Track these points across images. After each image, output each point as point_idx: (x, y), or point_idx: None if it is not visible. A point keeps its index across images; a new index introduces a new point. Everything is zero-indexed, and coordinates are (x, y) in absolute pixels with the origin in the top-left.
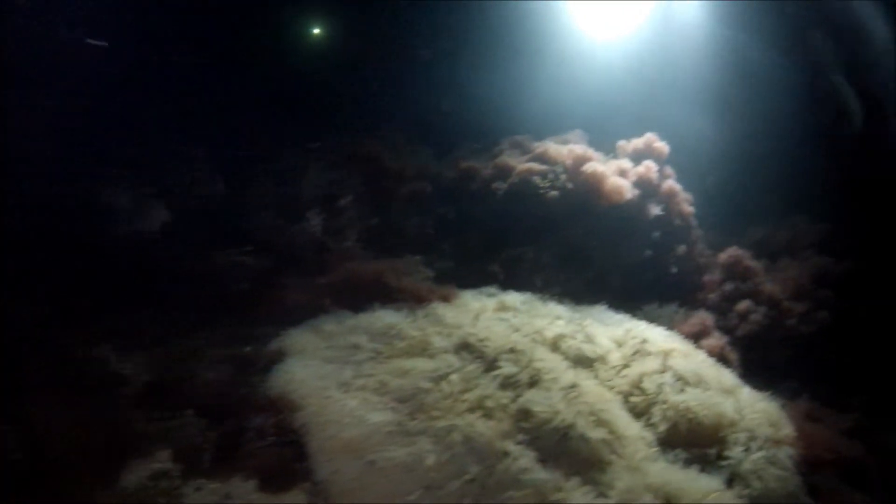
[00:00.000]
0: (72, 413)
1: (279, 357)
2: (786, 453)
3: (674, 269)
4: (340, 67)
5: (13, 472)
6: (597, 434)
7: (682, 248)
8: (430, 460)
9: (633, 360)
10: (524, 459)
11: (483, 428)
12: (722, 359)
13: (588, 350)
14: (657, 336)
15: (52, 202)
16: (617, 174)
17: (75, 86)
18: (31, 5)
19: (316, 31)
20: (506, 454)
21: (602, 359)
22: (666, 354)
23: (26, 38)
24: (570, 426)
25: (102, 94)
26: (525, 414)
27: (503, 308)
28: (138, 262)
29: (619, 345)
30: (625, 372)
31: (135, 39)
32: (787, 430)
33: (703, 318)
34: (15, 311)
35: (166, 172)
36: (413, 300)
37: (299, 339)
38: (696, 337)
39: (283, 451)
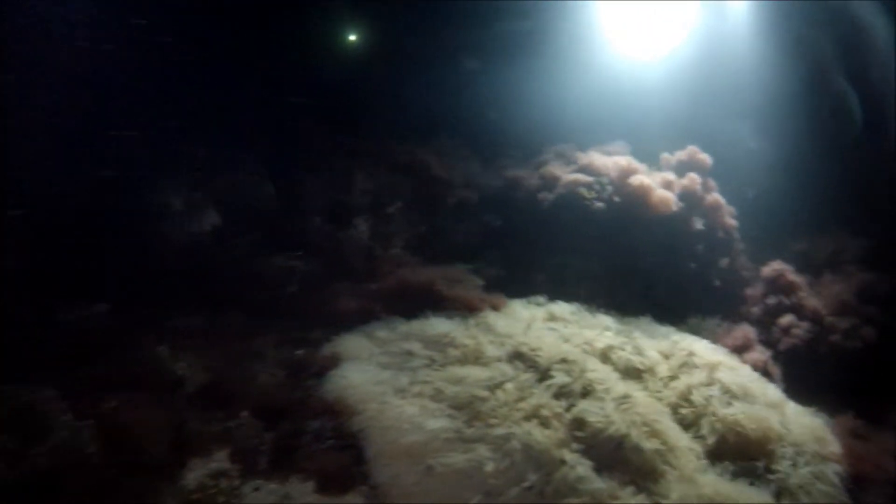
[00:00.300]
0: (136, 410)
1: (334, 361)
2: (833, 470)
3: (717, 283)
4: (390, 75)
5: (87, 465)
6: (650, 445)
7: (724, 261)
8: (490, 467)
9: (681, 373)
10: (581, 468)
11: (540, 436)
12: (765, 373)
13: (637, 362)
14: (703, 349)
15: (105, 204)
16: (662, 186)
17: (128, 88)
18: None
19: (367, 39)
20: (563, 462)
21: (650, 370)
22: (712, 367)
23: (84, 41)
24: (625, 436)
25: (155, 97)
26: (580, 423)
27: (552, 318)
28: (189, 264)
29: (666, 357)
30: (673, 384)
31: (188, 44)
32: (834, 446)
33: (745, 331)
34: (72, 311)
35: (216, 175)
36: (464, 308)
37: (353, 344)
38: (738, 350)
39: (341, 455)
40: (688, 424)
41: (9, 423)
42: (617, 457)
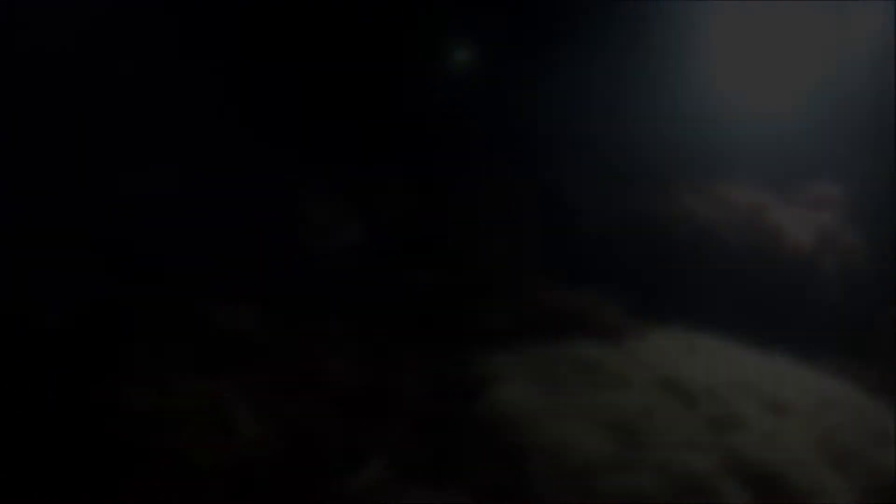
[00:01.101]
0: (310, 414)
1: (487, 379)
2: None
3: (849, 325)
4: (528, 98)
5: (272, 465)
6: (805, 483)
7: (857, 304)
8: (652, 492)
9: (823, 412)
10: (739, 500)
11: (698, 466)
12: None
13: (780, 397)
14: (841, 389)
15: (252, 210)
16: (796, 225)
17: (275, 100)
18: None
19: (506, 61)
20: (722, 494)
21: (793, 407)
22: (854, 409)
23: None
24: (781, 473)
25: (303, 107)
26: (734, 455)
27: (693, 349)
28: (334, 271)
29: (807, 394)
30: (816, 422)
31: (339, 60)
32: None
33: (880, 375)
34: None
35: (362, 186)
36: (606, 333)
37: (504, 362)
38: (874, 395)
39: (500, 472)
40: (833, 465)
41: (197, 417)
42: (774, 493)
